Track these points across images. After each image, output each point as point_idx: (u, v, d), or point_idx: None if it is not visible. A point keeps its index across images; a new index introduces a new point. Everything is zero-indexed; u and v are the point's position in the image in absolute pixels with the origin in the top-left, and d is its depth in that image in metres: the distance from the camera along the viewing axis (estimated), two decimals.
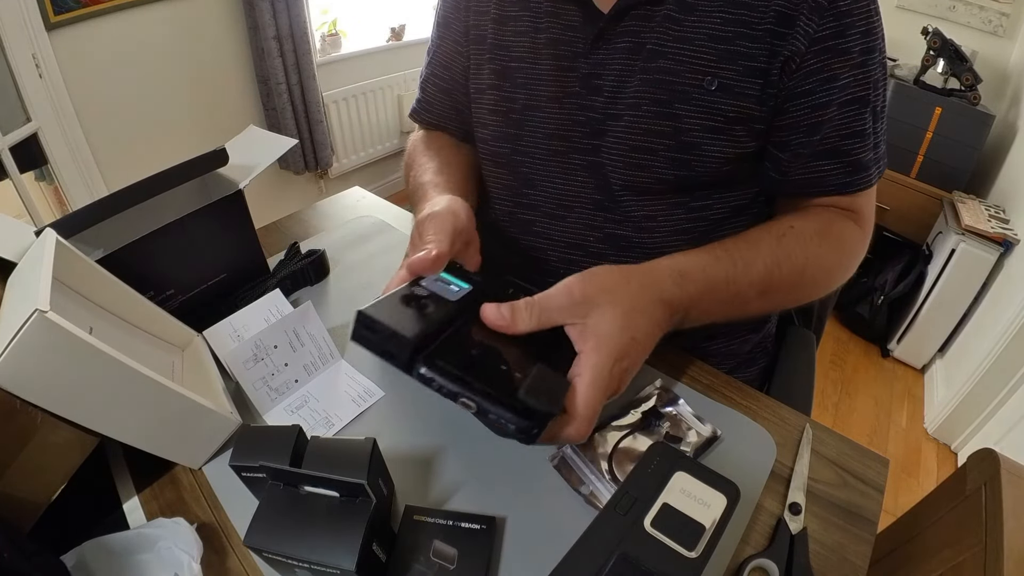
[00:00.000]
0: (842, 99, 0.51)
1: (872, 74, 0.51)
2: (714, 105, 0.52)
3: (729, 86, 0.51)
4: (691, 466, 0.39)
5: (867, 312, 1.99)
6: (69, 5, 1.50)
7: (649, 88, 0.53)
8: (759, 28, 0.49)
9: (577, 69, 0.57)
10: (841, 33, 0.49)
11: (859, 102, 0.52)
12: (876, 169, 0.56)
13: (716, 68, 0.51)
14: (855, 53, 0.50)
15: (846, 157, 0.53)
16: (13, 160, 1.44)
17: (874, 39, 0.50)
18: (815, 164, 0.54)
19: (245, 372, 0.52)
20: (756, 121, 0.53)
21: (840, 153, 0.53)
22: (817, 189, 0.56)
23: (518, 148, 0.62)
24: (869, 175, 0.55)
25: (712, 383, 0.57)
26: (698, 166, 0.54)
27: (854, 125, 0.52)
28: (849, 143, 0.53)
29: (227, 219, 0.62)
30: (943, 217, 1.82)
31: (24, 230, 0.52)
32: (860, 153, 0.53)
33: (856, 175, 0.54)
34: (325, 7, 2.29)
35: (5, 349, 0.35)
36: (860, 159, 0.54)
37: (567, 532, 0.37)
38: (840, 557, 0.43)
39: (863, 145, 0.53)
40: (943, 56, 1.81)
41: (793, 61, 0.50)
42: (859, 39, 0.50)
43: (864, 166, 0.54)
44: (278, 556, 0.36)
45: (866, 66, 0.51)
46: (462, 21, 0.65)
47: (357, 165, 2.54)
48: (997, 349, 1.50)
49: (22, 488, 0.40)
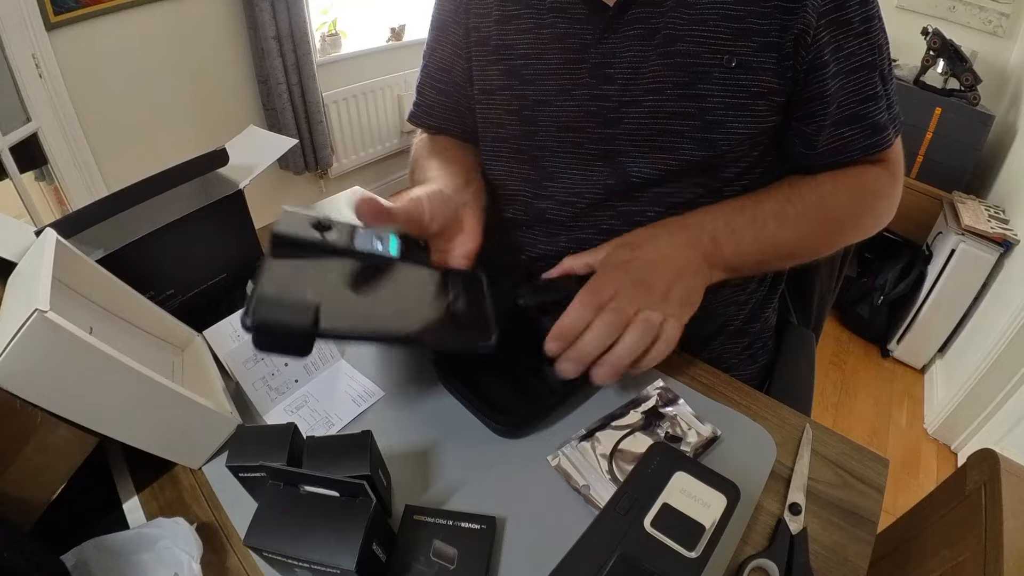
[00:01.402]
0: (851, 66, 0.54)
1: (875, 40, 0.54)
2: (736, 82, 0.53)
3: (747, 62, 0.52)
4: (691, 466, 0.39)
5: (867, 312, 1.99)
6: (69, 5, 1.50)
7: (671, 72, 0.54)
8: (767, 5, 0.51)
9: (587, 60, 0.57)
10: (841, 5, 0.51)
11: (867, 67, 0.54)
12: (893, 128, 0.58)
13: (733, 46, 0.52)
14: (856, 23, 0.52)
15: (864, 121, 0.56)
16: (13, 160, 1.44)
17: (871, 7, 0.53)
18: (838, 132, 0.56)
19: (245, 372, 0.52)
20: (776, 94, 0.54)
21: (858, 118, 0.56)
22: (845, 156, 0.58)
23: (536, 143, 0.63)
24: (887, 134, 0.57)
25: (712, 383, 0.57)
26: (723, 144, 0.56)
27: (866, 90, 0.55)
28: (864, 107, 0.55)
29: (227, 219, 0.62)
30: (943, 217, 1.82)
31: (24, 230, 0.52)
32: (876, 115, 0.56)
33: (876, 135, 0.57)
34: (325, 7, 2.29)
35: (5, 349, 0.35)
36: (877, 120, 0.56)
37: (567, 532, 0.37)
38: (840, 557, 0.43)
39: (877, 107, 0.56)
40: (943, 56, 1.81)
41: (807, 35, 0.51)
42: (857, 8, 0.52)
43: (882, 127, 0.57)
44: (278, 556, 0.36)
45: (868, 33, 0.53)
46: (462, 23, 0.65)
47: (357, 165, 2.54)
48: (997, 349, 1.50)
49: (22, 488, 0.40)
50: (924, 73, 1.86)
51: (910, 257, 1.93)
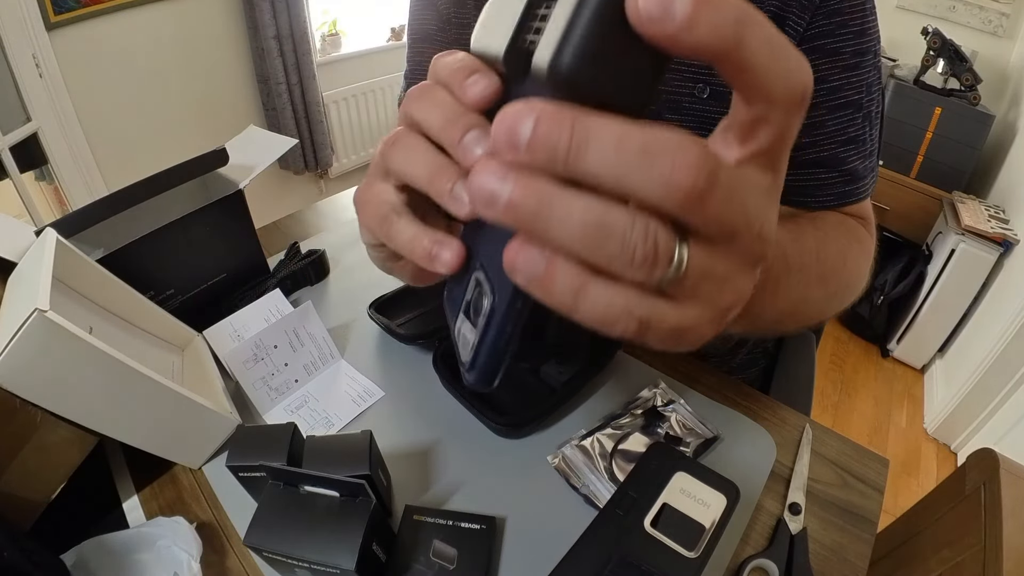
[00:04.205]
0: (833, 103, 0.49)
1: (865, 77, 0.49)
2: (706, 113, 0.50)
3: (722, 93, 0.49)
4: (691, 466, 0.39)
5: (867, 312, 1.99)
6: (69, 5, 1.50)
7: None
8: None
9: None
10: (832, 32, 0.47)
11: (852, 106, 0.49)
12: (871, 178, 0.53)
13: (707, 75, 0.49)
14: (846, 54, 0.47)
15: (843, 166, 0.51)
16: (13, 160, 1.44)
17: (868, 41, 0.48)
18: (812, 172, 0.51)
19: (245, 372, 0.52)
20: None
21: (837, 161, 0.50)
22: (815, 200, 0.52)
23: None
24: (865, 184, 0.52)
25: (712, 383, 0.57)
26: None
27: (848, 130, 0.50)
28: (845, 151, 0.50)
29: (227, 219, 0.62)
30: (943, 217, 1.82)
31: (24, 230, 0.52)
32: (855, 161, 0.51)
33: (853, 184, 0.52)
34: (325, 7, 2.29)
35: (5, 348, 0.35)
36: (855, 168, 0.51)
37: (567, 532, 0.37)
38: (840, 557, 0.43)
39: (858, 152, 0.51)
40: (943, 56, 1.81)
41: None
42: (851, 39, 0.47)
43: (860, 175, 0.52)
44: (278, 556, 0.36)
45: (859, 68, 0.48)
46: (442, 33, 0.62)
47: (357, 165, 2.54)
48: (997, 349, 1.50)
49: (22, 487, 0.40)
50: (924, 73, 1.86)
51: (910, 257, 1.93)
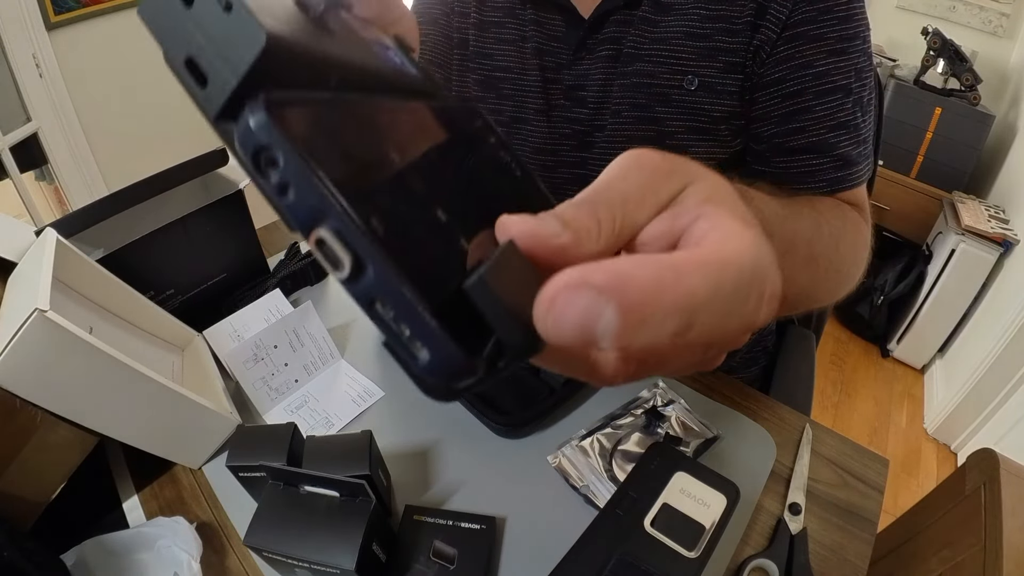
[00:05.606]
0: (820, 88, 0.48)
1: (854, 62, 0.48)
2: (696, 105, 0.50)
3: (710, 84, 0.49)
4: (691, 466, 0.39)
5: (867, 312, 1.99)
6: (69, 5, 1.50)
7: (628, 93, 0.52)
8: (739, 22, 0.48)
9: (561, 81, 0.55)
10: (815, 19, 0.47)
11: (841, 91, 0.48)
12: (865, 165, 0.52)
13: (696, 67, 0.49)
14: (832, 39, 0.47)
15: (834, 151, 0.50)
16: (13, 160, 1.44)
17: (855, 26, 0.47)
18: (803, 159, 0.51)
19: (245, 372, 0.52)
20: (737, 117, 0.51)
21: (828, 147, 0.50)
22: (807, 187, 0.52)
23: None
24: (859, 170, 0.51)
25: (712, 383, 0.57)
26: None
27: (838, 115, 0.49)
28: (835, 136, 0.49)
29: (227, 219, 0.62)
30: (943, 217, 1.82)
31: (24, 230, 0.52)
32: (848, 146, 0.50)
33: (846, 170, 0.50)
34: None
35: (5, 348, 0.35)
36: (848, 153, 0.50)
37: (567, 532, 0.37)
38: (840, 557, 0.43)
39: (850, 137, 0.50)
40: (943, 56, 1.81)
41: (763, 50, 0.48)
42: (836, 25, 0.47)
43: (853, 161, 0.50)
44: (278, 556, 0.36)
45: (846, 53, 0.47)
46: (446, 18, 0.61)
47: None
48: (997, 349, 1.50)
49: (22, 487, 0.40)
50: (924, 73, 1.86)
51: (910, 257, 1.93)
